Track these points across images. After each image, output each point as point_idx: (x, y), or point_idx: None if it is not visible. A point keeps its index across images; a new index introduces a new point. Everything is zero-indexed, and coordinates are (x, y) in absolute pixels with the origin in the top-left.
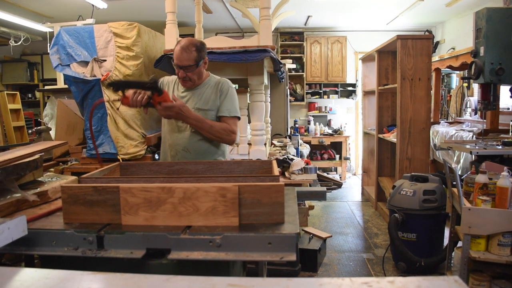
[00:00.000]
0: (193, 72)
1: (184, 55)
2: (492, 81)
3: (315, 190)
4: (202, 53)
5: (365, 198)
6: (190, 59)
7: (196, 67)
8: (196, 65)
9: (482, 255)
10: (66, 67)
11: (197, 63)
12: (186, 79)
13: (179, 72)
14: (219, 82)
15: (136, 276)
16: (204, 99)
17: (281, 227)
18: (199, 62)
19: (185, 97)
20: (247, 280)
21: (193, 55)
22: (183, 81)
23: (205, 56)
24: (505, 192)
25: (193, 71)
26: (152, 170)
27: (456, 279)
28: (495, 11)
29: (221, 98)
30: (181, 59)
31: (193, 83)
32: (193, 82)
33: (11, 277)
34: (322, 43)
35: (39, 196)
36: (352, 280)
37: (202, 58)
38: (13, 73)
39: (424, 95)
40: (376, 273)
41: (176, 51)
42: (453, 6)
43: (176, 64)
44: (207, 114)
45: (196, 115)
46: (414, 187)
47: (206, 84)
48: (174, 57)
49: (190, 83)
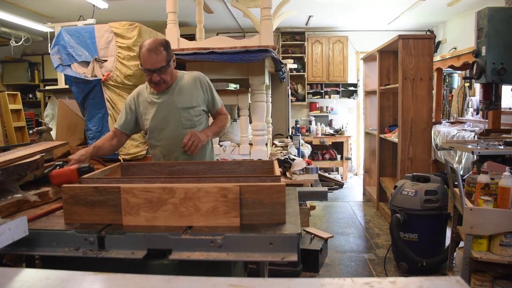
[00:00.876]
0: (166, 72)
1: (154, 57)
2: (494, 81)
3: (316, 190)
4: (170, 50)
5: (366, 198)
6: (161, 60)
7: (169, 67)
8: (168, 64)
9: (484, 256)
10: (67, 67)
11: (168, 62)
12: (160, 82)
13: (151, 77)
14: (196, 77)
15: (137, 276)
16: (187, 97)
17: (282, 228)
18: (170, 62)
19: (164, 100)
20: (249, 280)
21: (163, 55)
22: (156, 86)
23: (173, 54)
24: (507, 192)
25: (166, 72)
26: (153, 171)
27: (458, 279)
28: (497, 10)
29: (209, 93)
30: (152, 62)
31: (167, 84)
32: (167, 84)
33: (12, 277)
34: (323, 43)
35: (40, 197)
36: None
37: (171, 56)
38: (14, 73)
39: (426, 95)
40: (378, 273)
41: (144, 55)
42: (454, 6)
43: (146, 69)
44: (194, 111)
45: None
46: (416, 187)
47: (180, 82)
48: (142, 61)
49: (164, 85)
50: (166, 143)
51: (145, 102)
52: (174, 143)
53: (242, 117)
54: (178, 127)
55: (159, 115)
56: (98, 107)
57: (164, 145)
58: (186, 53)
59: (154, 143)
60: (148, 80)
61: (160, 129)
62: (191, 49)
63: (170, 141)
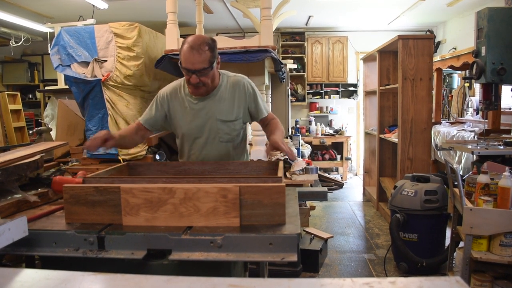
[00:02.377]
0: (208, 75)
1: (196, 56)
2: (494, 81)
3: (316, 191)
4: (215, 51)
5: (366, 199)
6: (203, 60)
7: (211, 69)
8: (210, 67)
9: (484, 256)
10: (67, 67)
11: (211, 64)
12: (199, 85)
13: (190, 78)
14: (237, 84)
15: (137, 276)
16: (226, 109)
17: (282, 228)
18: (213, 64)
19: (202, 108)
20: (248, 280)
21: (206, 56)
22: (195, 88)
23: (218, 56)
24: (507, 192)
25: (208, 75)
26: (160, 170)
27: (458, 279)
28: (497, 11)
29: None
30: (192, 61)
31: (207, 88)
32: (207, 88)
33: (11, 278)
34: (323, 43)
35: (40, 197)
36: (353, 281)
37: (215, 57)
38: (13, 74)
39: (426, 95)
40: (378, 273)
41: (185, 52)
42: (454, 6)
43: (186, 68)
44: (234, 124)
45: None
46: (416, 187)
47: (221, 88)
48: (183, 59)
49: (204, 88)
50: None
51: (180, 104)
52: (208, 156)
53: None
54: (214, 140)
55: (194, 122)
56: (98, 107)
57: (198, 155)
58: None
59: (184, 151)
60: (186, 80)
61: (194, 138)
62: None
63: (204, 152)
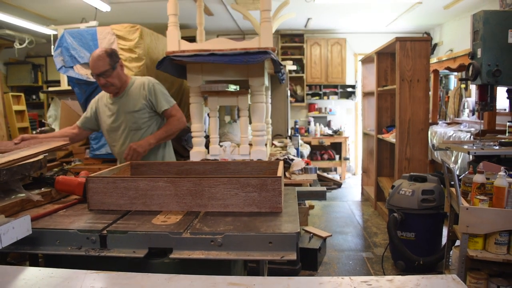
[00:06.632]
0: (112, 76)
1: (97, 63)
2: (489, 82)
3: (315, 190)
4: (114, 57)
5: (364, 198)
6: (104, 64)
7: (113, 70)
8: (112, 68)
9: (480, 254)
10: (70, 69)
11: (112, 66)
12: (107, 85)
13: (99, 80)
14: (143, 82)
15: (139, 275)
16: (133, 102)
17: (281, 227)
18: (114, 65)
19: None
20: (248, 279)
21: (106, 61)
22: (106, 88)
23: (118, 60)
24: (502, 191)
25: (111, 75)
26: (162, 170)
27: (454, 277)
28: (492, 13)
29: (152, 95)
30: (96, 67)
31: (116, 87)
32: (115, 87)
33: (16, 275)
34: (322, 45)
35: (43, 196)
36: (351, 279)
37: (116, 61)
38: (17, 75)
39: (423, 96)
40: (376, 271)
41: (90, 63)
42: (451, 9)
43: (94, 74)
44: (139, 114)
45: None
46: (413, 187)
47: (131, 87)
48: (91, 68)
49: (113, 87)
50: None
51: (103, 105)
52: (126, 144)
53: (242, 118)
54: (125, 130)
55: (110, 119)
56: None
57: (117, 145)
58: (187, 55)
59: (110, 143)
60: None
61: (112, 131)
62: (192, 51)
63: (121, 141)
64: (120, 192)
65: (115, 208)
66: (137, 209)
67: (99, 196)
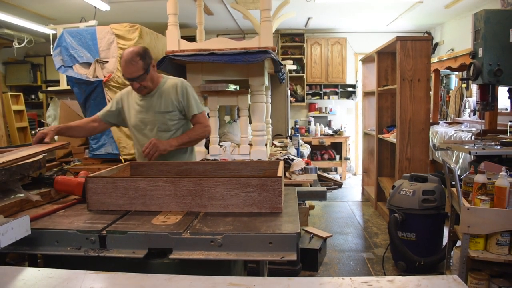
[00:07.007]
0: (146, 80)
1: (131, 68)
2: (491, 82)
3: (315, 190)
4: (147, 59)
5: (365, 198)
6: (138, 69)
7: (147, 74)
8: (145, 72)
9: (481, 254)
10: (69, 68)
11: (145, 70)
12: (141, 88)
13: (132, 84)
14: (176, 83)
15: (138, 275)
16: (165, 102)
17: (282, 227)
18: (148, 69)
19: (145, 104)
20: (248, 279)
21: (139, 65)
22: (139, 90)
23: (151, 61)
24: (503, 191)
25: (145, 79)
26: (161, 170)
27: (455, 278)
28: (493, 13)
29: (184, 98)
30: (129, 72)
31: (149, 89)
32: (148, 89)
33: (15, 276)
34: (322, 45)
35: (42, 196)
36: (352, 279)
37: (149, 64)
38: (16, 75)
39: (424, 96)
40: (376, 272)
41: (123, 66)
42: (452, 8)
43: (127, 78)
44: (170, 115)
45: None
46: (414, 187)
47: (162, 86)
48: (123, 72)
49: (146, 90)
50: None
51: (131, 102)
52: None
53: (242, 117)
54: (153, 130)
55: (139, 116)
56: (99, 108)
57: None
58: (187, 54)
59: (134, 142)
60: (131, 86)
61: (139, 130)
62: (192, 51)
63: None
64: (120, 192)
65: (115, 208)
66: (136, 209)
67: (99, 196)
